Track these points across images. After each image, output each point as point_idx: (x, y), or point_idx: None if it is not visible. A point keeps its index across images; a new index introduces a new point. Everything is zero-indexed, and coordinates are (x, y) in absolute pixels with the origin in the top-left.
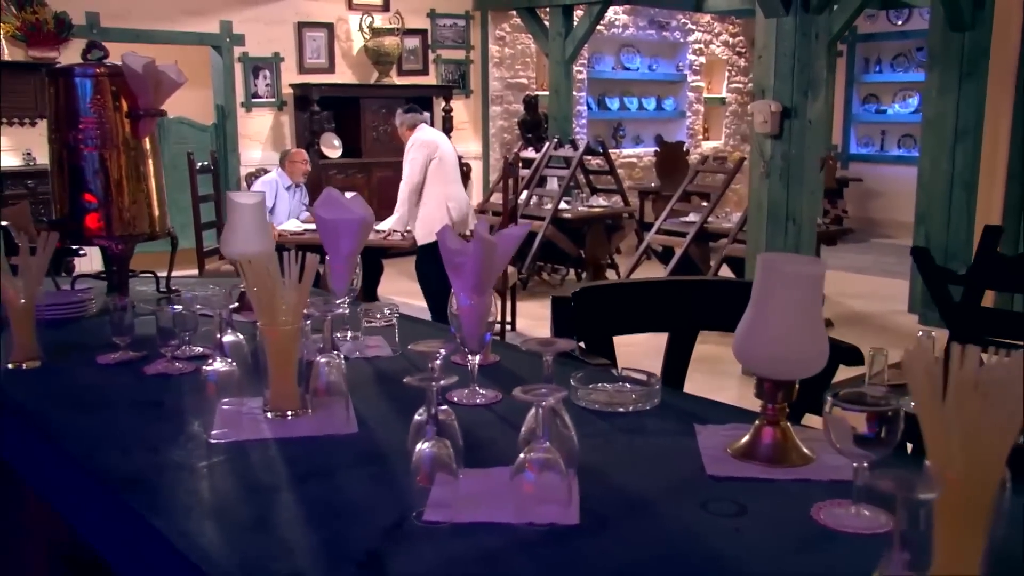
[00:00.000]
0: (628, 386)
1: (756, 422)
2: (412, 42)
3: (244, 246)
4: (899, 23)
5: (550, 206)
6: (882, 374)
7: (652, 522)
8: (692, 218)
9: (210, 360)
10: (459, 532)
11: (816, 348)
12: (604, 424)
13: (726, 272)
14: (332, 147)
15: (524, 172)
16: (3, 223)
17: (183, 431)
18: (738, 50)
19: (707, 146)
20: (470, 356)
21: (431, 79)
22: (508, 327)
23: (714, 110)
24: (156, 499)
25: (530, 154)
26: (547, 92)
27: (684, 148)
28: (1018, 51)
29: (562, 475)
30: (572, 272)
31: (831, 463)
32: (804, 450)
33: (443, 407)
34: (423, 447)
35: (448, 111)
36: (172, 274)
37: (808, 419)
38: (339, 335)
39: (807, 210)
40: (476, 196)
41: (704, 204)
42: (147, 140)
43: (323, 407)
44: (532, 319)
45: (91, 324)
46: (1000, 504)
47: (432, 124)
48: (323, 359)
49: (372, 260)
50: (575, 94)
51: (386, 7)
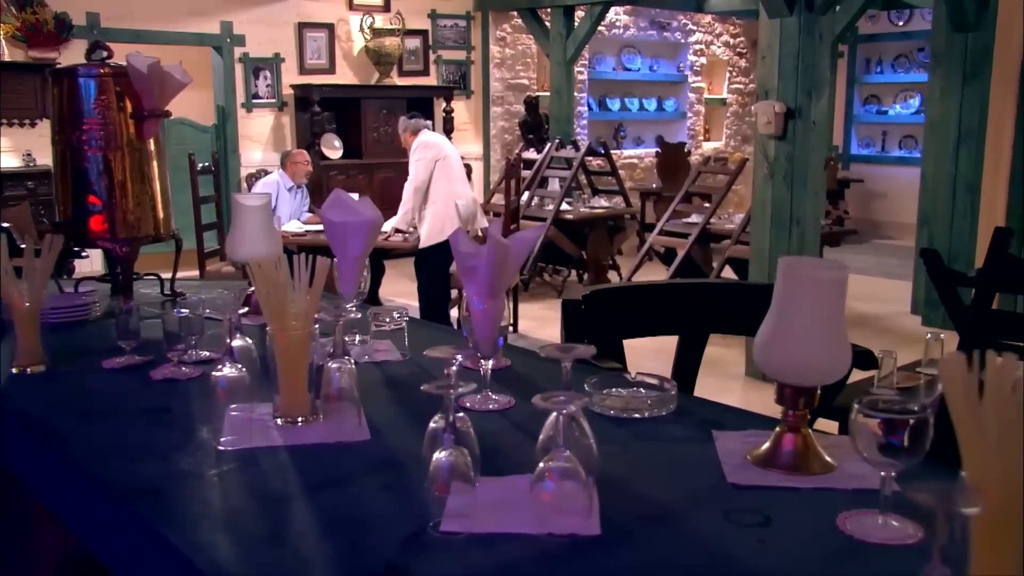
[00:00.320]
0: (643, 391)
1: (776, 428)
2: (413, 43)
3: (251, 249)
4: (900, 24)
5: (552, 207)
6: (891, 377)
7: (674, 533)
8: (694, 219)
9: (219, 365)
10: (478, 543)
11: (840, 354)
12: (621, 431)
13: (728, 273)
14: (333, 148)
15: (525, 173)
16: (5, 225)
17: (192, 438)
18: (739, 51)
19: (708, 147)
20: (482, 361)
21: (432, 80)
22: (511, 329)
23: (715, 111)
24: (166, 509)
25: (531, 155)
26: (548, 93)
27: (685, 149)
28: (1022, 52)
29: (582, 484)
30: (574, 273)
31: (854, 471)
32: (826, 458)
33: (459, 414)
34: (440, 455)
35: (449, 112)
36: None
37: (820, 423)
38: (347, 339)
39: (811, 211)
40: (477, 197)
41: (706, 205)
42: (151, 141)
43: (334, 413)
44: (534, 320)
45: (96, 327)
46: None
47: (433, 127)
48: (334, 364)
49: (374, 262)
50: (576, 95)
51: (387, 8)
